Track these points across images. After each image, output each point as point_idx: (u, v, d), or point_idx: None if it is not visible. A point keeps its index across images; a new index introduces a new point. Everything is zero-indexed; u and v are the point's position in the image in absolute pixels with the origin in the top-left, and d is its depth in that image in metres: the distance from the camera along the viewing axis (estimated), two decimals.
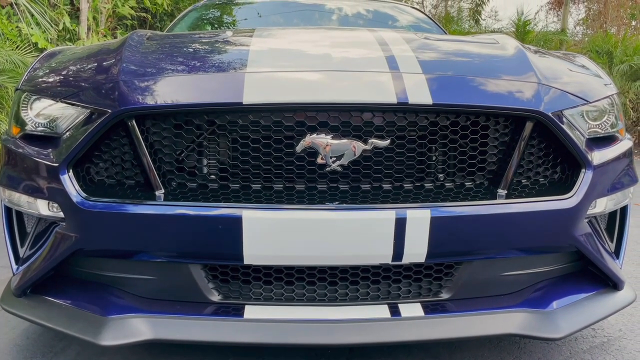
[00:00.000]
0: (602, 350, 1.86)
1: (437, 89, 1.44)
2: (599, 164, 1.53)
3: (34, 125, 1.55)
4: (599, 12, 18.93)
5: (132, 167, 1.49)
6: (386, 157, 1.47)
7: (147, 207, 1.39)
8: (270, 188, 1.48)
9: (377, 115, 1.44)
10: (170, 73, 1.53)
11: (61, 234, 1.47)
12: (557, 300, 1.56)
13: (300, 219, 1.37)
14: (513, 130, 1.49)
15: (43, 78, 1.67)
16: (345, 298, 1.51)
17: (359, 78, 1.47)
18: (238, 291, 1.51)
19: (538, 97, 1.47)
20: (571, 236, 1.50)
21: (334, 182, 1.48)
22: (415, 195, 1.46)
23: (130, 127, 1.40)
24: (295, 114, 1.42)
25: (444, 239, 1.41)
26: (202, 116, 1.45)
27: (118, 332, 1.41)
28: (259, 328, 1.43)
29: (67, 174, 1.43)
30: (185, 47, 1.81)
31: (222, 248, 1.40)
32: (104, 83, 1.49)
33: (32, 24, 6.14)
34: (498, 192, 1.48)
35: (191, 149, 1.50)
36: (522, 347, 1.88)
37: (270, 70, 1.52)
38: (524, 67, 1.60)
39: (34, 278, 1.53)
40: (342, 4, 3.49)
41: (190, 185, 1.49)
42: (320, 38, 2.01)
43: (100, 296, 1.51)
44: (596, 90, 1.66)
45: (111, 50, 1.72)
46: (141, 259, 1.46)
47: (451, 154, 1.53)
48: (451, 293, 1.53)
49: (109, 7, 7.74)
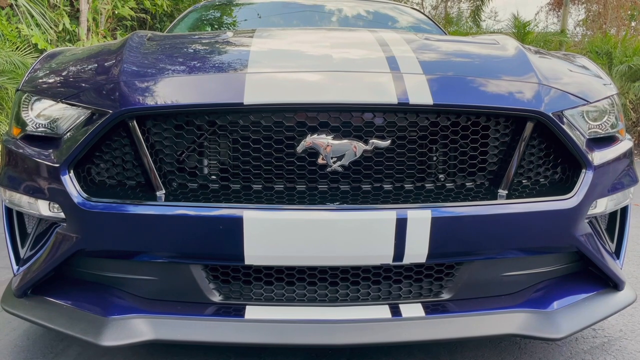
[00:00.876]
0: (603, 351, 1.86)
1: (437, 89, 1.44)
2: (599, 164, 1.53)
3: (35, 126, 1.55)
4: (599, 12, 18.95)
5: (133, 168, 1.49)
6: (387, 157, 1.47)
7: (148, 207, 1.39)
8: (271, 188, 1.48)
9: (378, 116, 1.44)
10: (171, 74, 1.54)
11: (62, 234, 1.47)
12: (558, 300, 1.56)
13: (301, 220, 1.37)
14: (513, 130, 1.50)
15: (44, 79, 1.67)
16: (346, 298, 1.51)
17: (360, 78, 1.48)
18: (239, 292, 1.51)
19: (538, 98, 1.48)
20: (572, 236, 1.50)
21: (334, 182, 1.48)
22: (416, 196, 1.46)
23: (131, 127, 1.40)
24: (296, 115, 1.43)
25: (444, 240, 1.41)
26: (203, 117, 1.45)
27: (119, 332, 1.41)
28: (260, 328, 1.43)
29: (68, 174, 1.43)
30: (185, 48, 1.81)
31: (223, 248, 1.40)
32: (104, 84, 1.49)
33: (32, 25, 6.15)
34: (499, 193, 1.48)
35: (192, 149, 1.50)
36: (522, 347, 1.88)
37: (271, 71, 1.52)
38: (525, 68, 1.61)
39: (34, 279, 1.53)
40: (342, 5, 3.49)
41: (191, 186, 1.49)
42: (321, 39, 2.01)
43: (101, 297, 1.51)
44: (596, 91, 1.66)
45: (112, 51, 1.72)
46: (142, 259, 1.46)
47: (452, 154, 1.53)
48: (452, 293, 1.53)
49: (108, 8, 7.75)
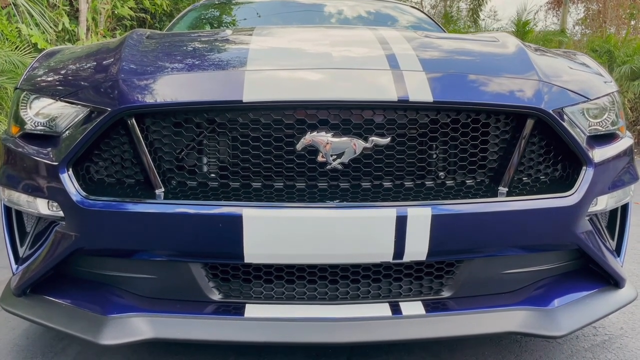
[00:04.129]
0: (604, 349, 1.86)
1: (437, 86, 1.43)
2: (599, 162, 1.53)
3: (34, 125, 1.54)
4: (598, 11, 18.95)
5: (132, 166, 1.48)
6: (387, 154, 1.47)
7: (147, 205, 1.38)
8: (270, 186, 1.47)
9: (378, 113, 1.44)
10: (170, 71, 1.53)
11: (61, 233, 1.46)
12: (559, 298, 1.55)
13: (301, 217, 1.36)
14: (514, 127, 1.49)
15: (42, 77, 1.66)
16: (346, 296, 1.50)
17: (360, 76, 1.47)
18: (239, 290, 1.50)
19: (539, 95, 1.47)
20: (572, 234, 1.50)
21: (334, 180, 1.47)
22: (416, 193, 1.46)
23: (130, 125, 1.40)
24: (295, 112, 1.42)
25: (445, 237, 1.40)
26: (202, 114, 1.45)
27: (118, 331, 1.40)
28: (260, 327, 1.42)
29: (66, 172, 1.43)
30: (184, 46, 1.80)
31: (223, 247, 1.39)
32: (103, 82, 1.48)
33: (31, 25, 6.14)
34: (499, 190, 1.47)
35: (191, 147, 1.49)
36: (523, 345, 1.88)
37: (270, 69, 1.51)
38: (525, 65, 1.60)
39: (33, 278, 1.52)
40: (341, 4, 3.49)
41: (191, 184, 1.49)
42: (321, 37, 2.00)
43: (101, 295, 1.51)
44: (597, 88, 1.66)
45: (110, 49, 1.72)
46: (141, 257, 1.46)
47: (452, 152, 1.53)
48: (452, 291, 1.52)
49: (108, 7, 7.74)
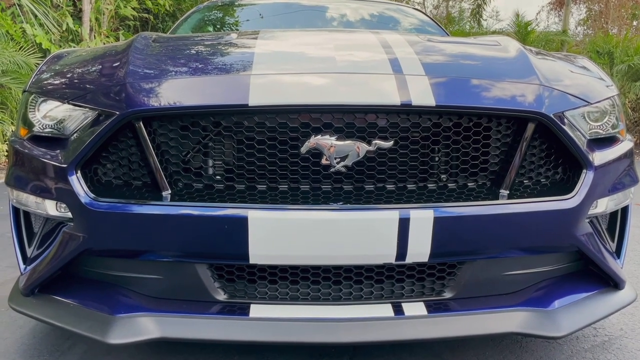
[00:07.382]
0: (604, 349, 1.87)
1: (440, 91, 1.45)
2: (600, 165, 1.55)
3: (42, 127, 1.57)
4: (600, 12, 18.92)
5: (139, 168, 1.51)
6: (390, 158, 1.49)
7: (154, 207, 1.40)
8: (275, 189, 1.49)
9: (381, 117, 1.46)
10: (176, 75, 1.55)
11: (69, 233, 1.48)
12: (559, 299, 1.57)
13: (305, 219, 1.39)
14: (515, 131, 1.51)
15: (50, 80, 1.69)
16: (349, 297, 1.53)
17: (363, 81, 1.49)
18: (244, 290, 1.53)
19: (540, 99, 1.49)
20: (572, 236, 1.52)
21: (338, 182, 1.50)
22: (418, 196, 1.48)
23: (138, 128, 1.42)
24: (300, 116, 1.44)
25: (446, 239, 1.42)
26: (208, 118, 1.47)
27: (126, 330, 1.43)
28: (264, 327, 1.45)
29: (75, 174, 1.45)
30: (190, 50, 1.83)
31: (228, 248, 1.41)
32: (111, 85, 1.51)
33: (35, 25, 6.17)
34: (500, 193, 1.49)
35: (197, 150, 1.51)
36: (524, 345, 1.89)
37: (275, 73, 1.53)
38: (526, 69, 1.62)
39: (41, 277, 1.55)
40: (344, 6, 3.50)
41: (197, 186, 1.51)
42: (324, 40, 2.02)
43: (108, 295, 1.53)
44: (597, 92, 1.68)
45: (118, 53, 1.74)
46: (148, 258, 1.48)
47: (454, 155, 1.55)
48: (454, 292, 1.54)
49: (111, 8, 7.77)
